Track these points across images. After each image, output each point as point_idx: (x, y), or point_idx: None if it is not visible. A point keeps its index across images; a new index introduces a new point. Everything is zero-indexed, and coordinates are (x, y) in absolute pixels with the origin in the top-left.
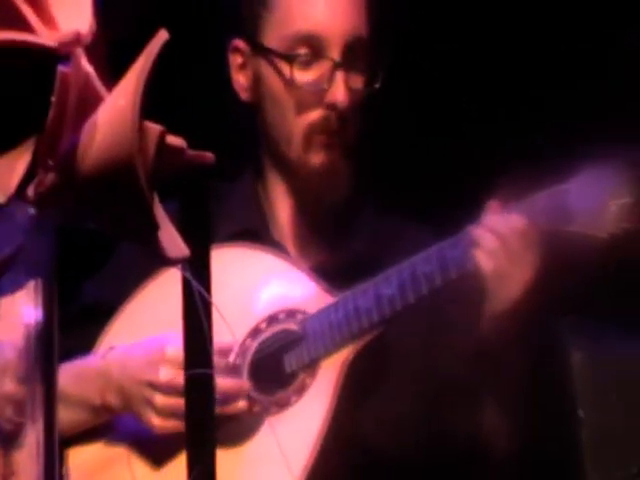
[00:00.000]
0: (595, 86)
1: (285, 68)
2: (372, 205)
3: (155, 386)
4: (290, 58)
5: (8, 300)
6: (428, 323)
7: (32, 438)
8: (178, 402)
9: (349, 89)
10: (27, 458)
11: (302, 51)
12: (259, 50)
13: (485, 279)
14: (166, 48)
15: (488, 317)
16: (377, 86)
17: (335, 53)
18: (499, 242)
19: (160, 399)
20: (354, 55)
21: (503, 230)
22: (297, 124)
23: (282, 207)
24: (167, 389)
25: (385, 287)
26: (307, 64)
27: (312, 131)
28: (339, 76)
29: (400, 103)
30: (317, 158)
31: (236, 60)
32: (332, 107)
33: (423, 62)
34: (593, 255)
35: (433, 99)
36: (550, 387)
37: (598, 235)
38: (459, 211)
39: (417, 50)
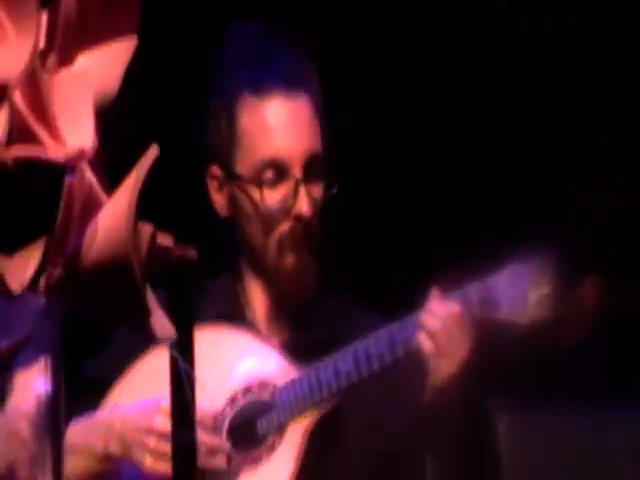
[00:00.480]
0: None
1: (255, 191)
2: (332, 294)
3: (150, 431)
4: (258, 183)
5: (22, 374)
6: (375, 391)
7: None
8: (168, 447)
9: (311, 199)
10: None
11: (268, 174)
12: (232, 177)
13: (427, 357)
14: (156, 161)
15: (429, 389)
16: (334, 191)
17: (297, 172)
18: (440, 326)
19: (153, 442)
20: (313, 169)
21: (444, 315)
22: (269, 236)
23: (257, 300)
24: (160, 435)
25: (342, 363)
26: (273, 185)
27: (283, 239)
28: (302, 191)
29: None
30: (289, 260)
31: (213, 184)
32: (298, 218)
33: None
34: (516, 338)
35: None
36: (481, 451)
37: (520, 321)
38: (405, 298)
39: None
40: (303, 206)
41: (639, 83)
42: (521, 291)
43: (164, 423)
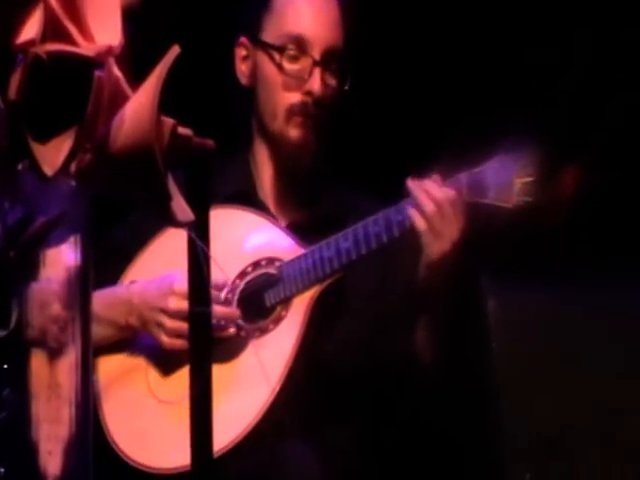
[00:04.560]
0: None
1: (277, 57)
2: (334, 178)
3: (165, 312)
4: (281, 50)
5: (55, 249)
6: (378, 270)
7: (72, 355)
8: (183, 325)
9: (324, 83)
10: (68, 370)
11: (290, 47)
12: (259, 44)
13: (420, 236)
14: (178, 58)
15: (424, 265)
16: (346, 88)
17: (316, 54)
18: (435, 207)
19: (169, 322)
20: (330, 59)
21: (439, 198)
22: (281, 102)
23: (266, 171)
24: (175, 315)
25: (344, 242)
26: (294, 58)
27: (292, 111)
28: (317, 71)
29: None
30: (294, 133)
31: (241, 52)
32: (309, 94)
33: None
34: (501, 221)
35: (384, 99)
36: (471, 323)
37: (506, 206)
38: (401, 184)
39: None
40: (315, 84)
41: None
42: (507, 178)
43: (178, 304)
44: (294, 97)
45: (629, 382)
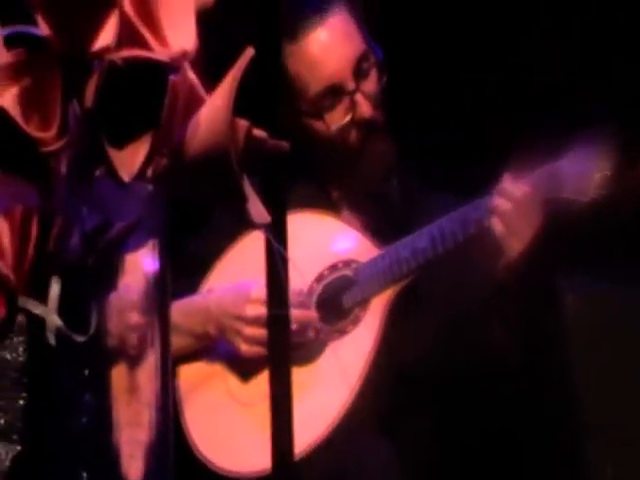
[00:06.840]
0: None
1: (318, 123)
2: (408, 179)
3: (243, 320)
4: (319, 113)
5: (133, 256)
6: (454, 269)
7: (152, 359)
8: (261, 332)
9: (368, 99)
10: (148, 374)
11: (326, 102)
12: (296, 114)
13: (498, 238)
14: (251, 62)
15: (502, 264)
16: (385, 79)
17: (349, 85)
18: (511, 206)
19: (247, 330)
20: (362, 69)
21: (515, 196)
22: (340, 142)
23: (337, 188)
24: (252, 322)
25: (419, 241)
26: (332, 107)
27: (347, 129)
28: (359, 97)
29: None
30: (357, 144)
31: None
32: (362, 121)
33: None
34: (578, 216)
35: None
36: (548, 319)
37: (582, 200)
38: (478, 182)
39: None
40: (364, 110)
41: None
42: (585, 172)
43: (255, 311)
44: (350, 132)
45: None
